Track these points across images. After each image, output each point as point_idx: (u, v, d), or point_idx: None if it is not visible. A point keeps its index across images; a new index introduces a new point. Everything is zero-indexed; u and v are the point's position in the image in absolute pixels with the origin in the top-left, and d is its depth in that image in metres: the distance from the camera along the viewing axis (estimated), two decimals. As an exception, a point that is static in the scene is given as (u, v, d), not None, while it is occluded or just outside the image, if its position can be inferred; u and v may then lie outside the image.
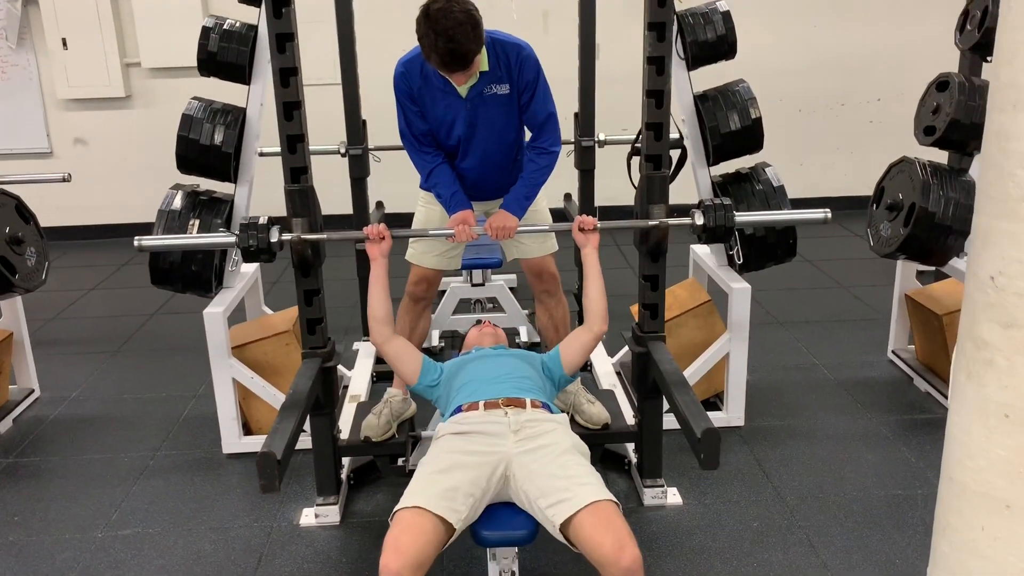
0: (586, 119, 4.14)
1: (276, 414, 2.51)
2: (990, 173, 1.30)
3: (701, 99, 3.41)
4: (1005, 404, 1.29)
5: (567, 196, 4.61)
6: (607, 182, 4.31)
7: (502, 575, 2.27)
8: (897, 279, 3.97)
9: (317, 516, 2.94)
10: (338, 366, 2.99)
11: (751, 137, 3.40)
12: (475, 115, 2.85)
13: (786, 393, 3.80)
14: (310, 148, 2.73)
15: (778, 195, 3.39)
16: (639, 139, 2.85)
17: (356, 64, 4.03)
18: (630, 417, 3.07)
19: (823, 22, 6.70)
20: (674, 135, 3.04)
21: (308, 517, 2.95)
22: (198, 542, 2.86)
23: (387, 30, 5.21)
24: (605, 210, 3.99)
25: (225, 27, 3.31)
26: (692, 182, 3.50)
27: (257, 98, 3.32)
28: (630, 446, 3.17)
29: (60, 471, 3.35)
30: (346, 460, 3.11)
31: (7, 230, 3.23)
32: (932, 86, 3.35)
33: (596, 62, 4.06)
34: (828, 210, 2.73)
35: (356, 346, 4.29)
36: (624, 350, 3.85)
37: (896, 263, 3.90)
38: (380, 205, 4.62)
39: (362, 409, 3.10)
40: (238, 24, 3.34)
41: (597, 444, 2.92)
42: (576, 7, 3.96)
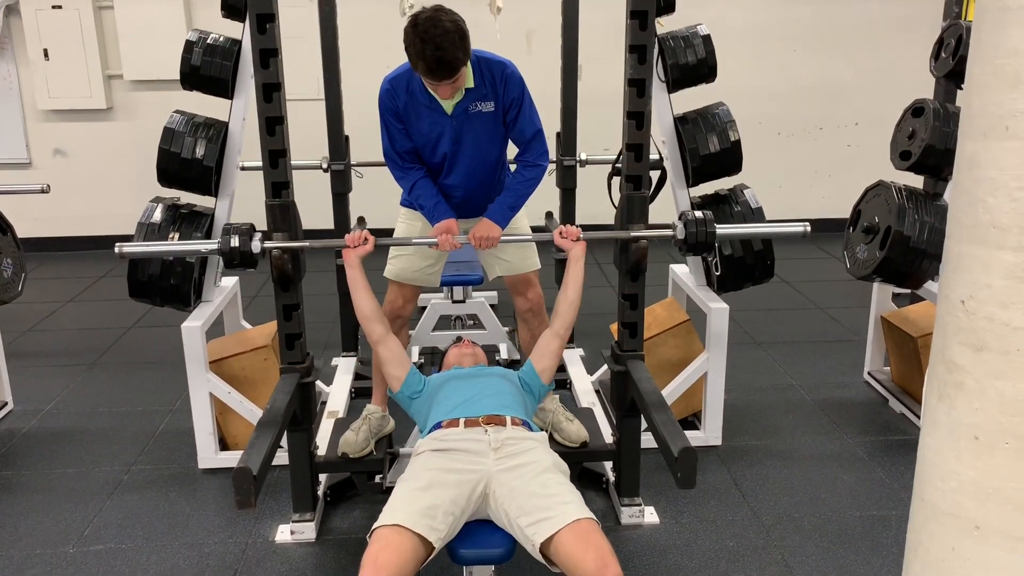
0: (568, 139, 4.17)
1: (253, 429, 2.50)
2: (961, 199, 1.32)
3: (681, 121, 3.45)
4: (975, 426, 1.31)
5: (548, 214, 4.63)
6: (588, 201, 4.34)
7: (478, 593, 2.26)
8: (873, 301, 4.01)
9: (293, 533, 2.92)
10: (316, 382, 2.98)
11: (730, 159, 3.44)
12: (460, 132, 2.85)
13: (763, 413, 3.83)
14: (292, 163, 2.73)
15: (756, 217, 3.43)
16: (620, 159, 2.88)
17: (340, 80, 4.04)
18: (608, 435, 3.08)
19: (802, 47, 6.81)
20: (654, 156, 3.07)
21: (284, 534, 2.93)
22: (172, 558, 2.82)
23: (371, 47, 5.24)
24: (586, 229, 3.98)
25: (209, 41, 3.32)
26: (672, 203, 3.54)
27: (240, 112, 3.33)
28: (608, 464, 3.18)
29: (32, 485, 3.30)
30: (323, 476, 3.09)
31: (-16, 241, 3.21)
32: (908, 112, 3.41)
33: (579, 83, 4.10)
34: (807, 223, 2.78)
35: (335, 362, 4.27)
36: (603, 368, 3.87)
37: (872, 285, 3.95)
38: (362, 221, 4.62)
39: (340, 425, 3.09)
40: (222, 39, 3.35)
41: (575, 462, 2.93)
42: (559, 28, 4.00)
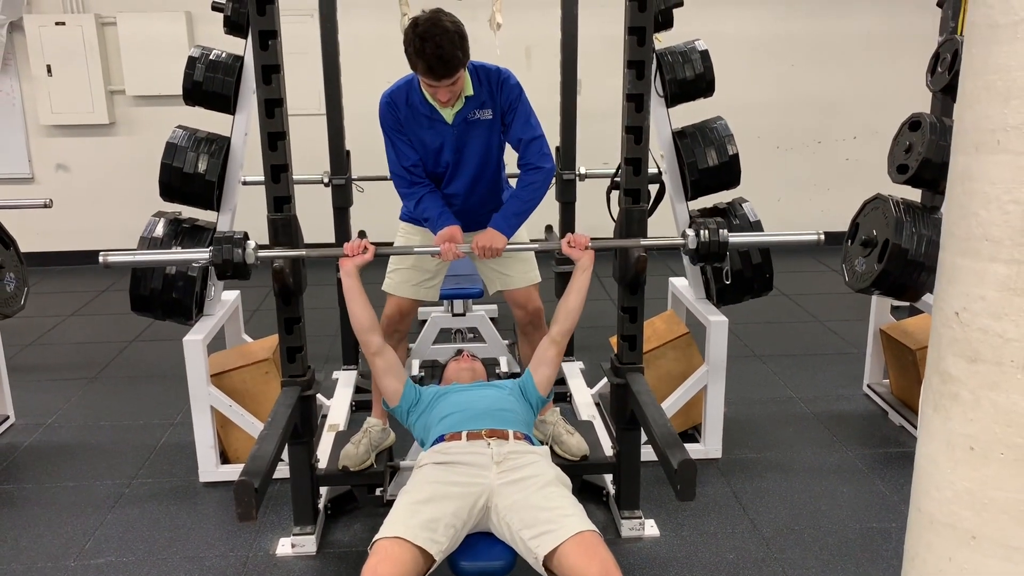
0: (567, 153, 4.19)
1: (254, 442, 2.51)
2: (954, 212, 1.34)
3: (680, 135, 3.48)
4: (970, 437, 1.32)
5: (548, 228, 4.66)
6: (587, 215, 4.36)
7: (479, 606, 2.26)
8: (872, 314, 4.03)
9: (294, 546, 2.92)
10: (317, 395, 2.99)
11: (728, 173, 3.46)
12: (462, 140, 2.86)
13: (763, 426, 3.83)
14: (294, 177, 2.75)
15: (754, 230, 3.45)
16: (618, 173, 2.89)
17: (341, 95, 4.06)
18: (608, 448, 3.08)
19: (800, 62, 6.85)
20: (653, 170, 3.09)
21: (285, 547, 2.93)
22: (173, 572, 2.83)
23: (372, 63, 5.28)
24: (587, 242, 4.01)
25: (211, 57, 3.35)
26: (671, 216, 3.56)
27: (242, 128, 3.35)
28: (608, 477, 3.18)
29: (33, 498, 3.31)
30: (324, 489, 3.10)
31: (-13, 255, 3.23)
32: (905, 126, 3.43)
33: (578, 97, 4.13)
34: (822, 231, 2.71)
35: (336, 375, 4.28)
36: (603, 381, 3.87)
37: (871, 298, 3.96)
38: (362, 234, 4.64)
39: (341, 438, 3.09)
40: (224, 55, 3.38)
41: (576, 475, 2.93)
42: (559, 44, 4.04)
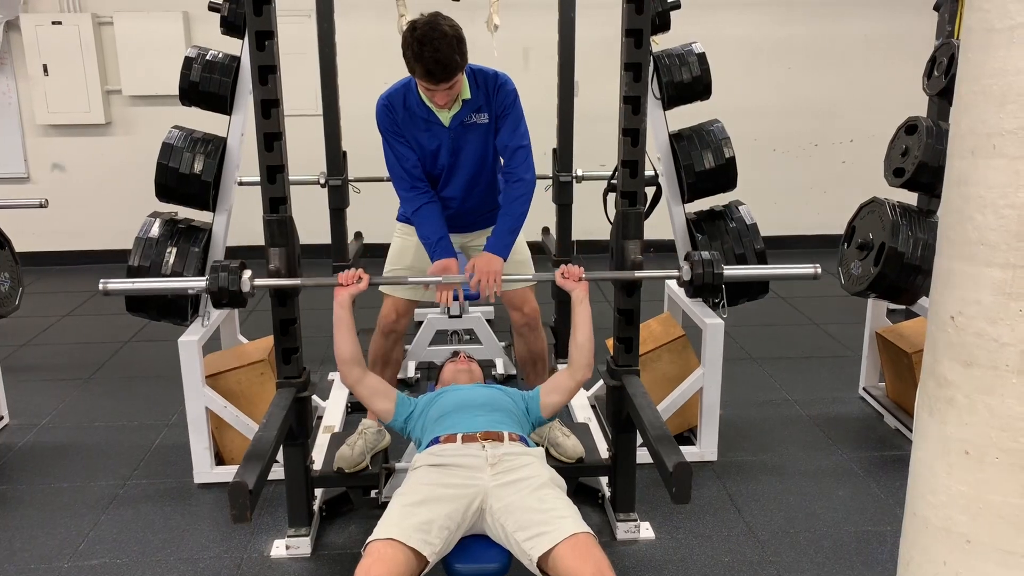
0: (564, 155, 4.19)
1: (249, 444, 2.50)
2: (950, 217, 1.34)
3: (676, 138, 3.48)
4: (965, 441, 1.32)
5: (545, 230, 4.66)
6: (584, 217, 4.36)
7: (473, 608, 2.26)
8: (868, 317, 4.03)
9: (288, 548, 2.91)
10: (312, 396, 2.99)
11: (725, 176, 3.47)
12: (458, 143, 2.87)
13: (759, 428, 3.83)
14: (290, 178, 2.74)
15: (751, 233, 3.45)
16: (615, 176, 2.90)
17: (338, 96, 4.06)
18: (604, 451, 3.08)
19: (797, 65, 6.86)
20: (650, 172, 3.09)
21: (279, 549, 2.92)
22: (167, 573, 2.82)
23: (369, 64, 5.28)
24: (582, 244, 4.02)
25: (208, 58, 3.34)
26: (667, 218, 3.56)
27: (238, 128, 3.35)
28: (604, 479, 3.18)
29: (27, 499, 3.30)
30: (318, 491, 3.09)
31: (-19, 255, 3.22)
32: (901, 129, 3.43)
33: (575, 99, 4.13)
34: (818, 265, 2.72)
35: (331, 376, 4.27)
36: (599, 383, 3.87)
37: (867, 301, 3.96)
38: (359, 235, 4.64)
39: (336, 440, 3.09)
40: (221, 55, 3.37)
41: (571, 477, 2.92)
42: (556, 46, 4.04)
